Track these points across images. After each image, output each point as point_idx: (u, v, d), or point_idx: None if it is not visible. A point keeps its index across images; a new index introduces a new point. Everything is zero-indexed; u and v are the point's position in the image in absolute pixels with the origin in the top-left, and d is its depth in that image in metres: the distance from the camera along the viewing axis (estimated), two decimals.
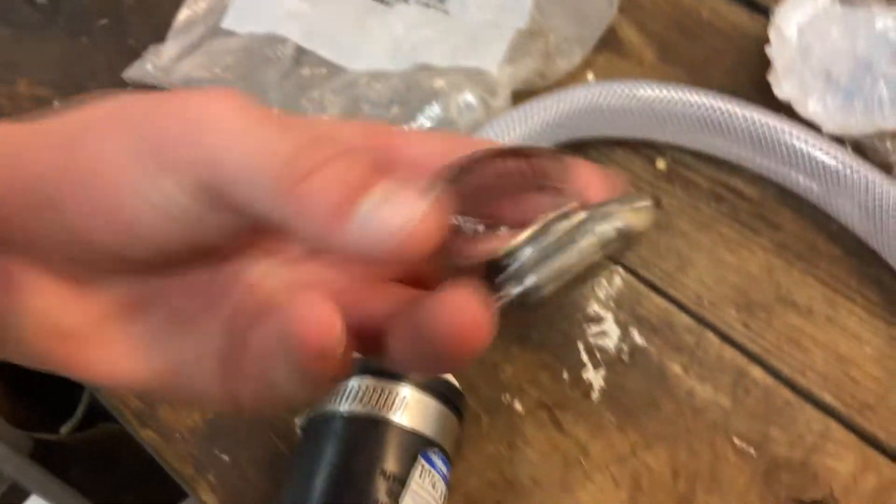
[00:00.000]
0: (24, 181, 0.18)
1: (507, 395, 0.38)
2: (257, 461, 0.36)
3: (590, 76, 0.49)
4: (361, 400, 0.31)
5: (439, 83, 0.43)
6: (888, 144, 0.45)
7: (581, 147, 0.45)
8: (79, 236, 0.18)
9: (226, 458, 0.36)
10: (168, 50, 0.47)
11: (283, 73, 0.46)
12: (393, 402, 0.31)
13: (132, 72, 0.46)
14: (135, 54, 0.48)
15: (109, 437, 0.62)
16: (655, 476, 0.36)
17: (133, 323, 0.19)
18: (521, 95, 0.45)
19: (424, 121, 0.43)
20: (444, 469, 0.31)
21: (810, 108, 0.45)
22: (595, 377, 0.38)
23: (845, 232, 0.43)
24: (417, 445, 0.30)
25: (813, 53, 0.48)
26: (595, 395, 0.38)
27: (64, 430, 0.61)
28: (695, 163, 0.45)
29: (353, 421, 0.31)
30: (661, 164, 0.45)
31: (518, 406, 0.37)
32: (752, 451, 0.36)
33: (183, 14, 0.48)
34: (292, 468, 0.31)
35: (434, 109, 0.43)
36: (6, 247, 0.18)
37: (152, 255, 0.18)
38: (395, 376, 0.32)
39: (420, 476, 0.30)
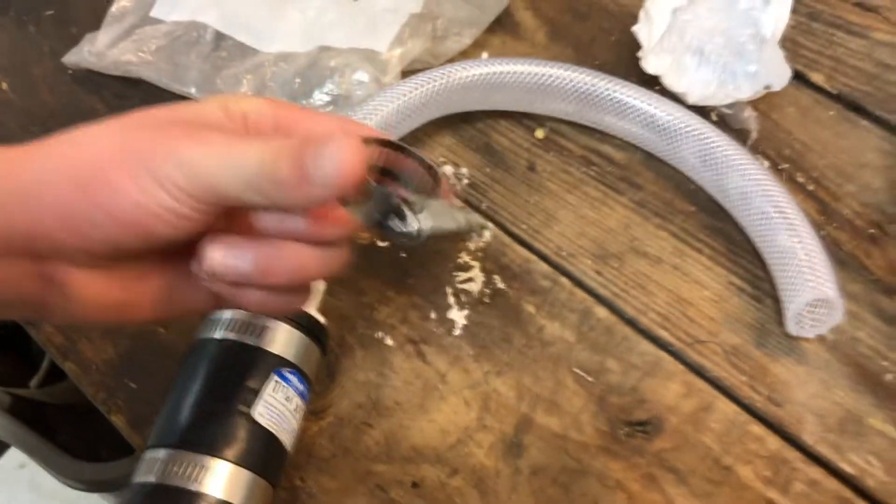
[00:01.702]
0: (53, 214, 0.26)
1: (381, 332, 0.44)
2: (159, 389, 0.43)
3: (484, 55, 0.55)
4: (232, 329, 0.38)
5: (336, 62, 0.50)
6: (745, 114, 0.51)
7: (469, 118, 0.52)
8: (100, 244, 0.27)
9: (133, 385, 0.43)
10: (102, 37, 0.54)
11: (202, 56, 0.53)
12: (259, 331, 0.38)
13: (70, 57, 0.54)
14: (76, 42, 0.56)
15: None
16: (502, 399, 0.42)
17: (144, 285, 0.29)
18: (413, 73, 0.52)
19: (322, 96, 0.50)
20: (300, 386, 0.38)
21: (677, 81, 0.52)
22: (458, 316, 0.45)
23: (700, 191, 0.49)
24: (273, 365, 0.37)
25: (688, 32, 0.54)
26: (457, 331, 0.44)
27: (32, 383, 0.68)
28: (571, 132, 0.52)
29: (224, 344, 0.38)
30: (539, 133, 0.52)
31: (389, 341, 0.44)
32: (589, 378, 0.43)
33: (116, 5, 0.55)
34: (174, 383, 0.38)
35: (331, 86, 0.50)
36: (44, 256, 0.27)
37: (153, 245, 0.27)
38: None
39: (273, 389, 0.37)
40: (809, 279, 0.42)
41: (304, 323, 0.39)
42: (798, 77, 0.54)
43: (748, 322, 0.45)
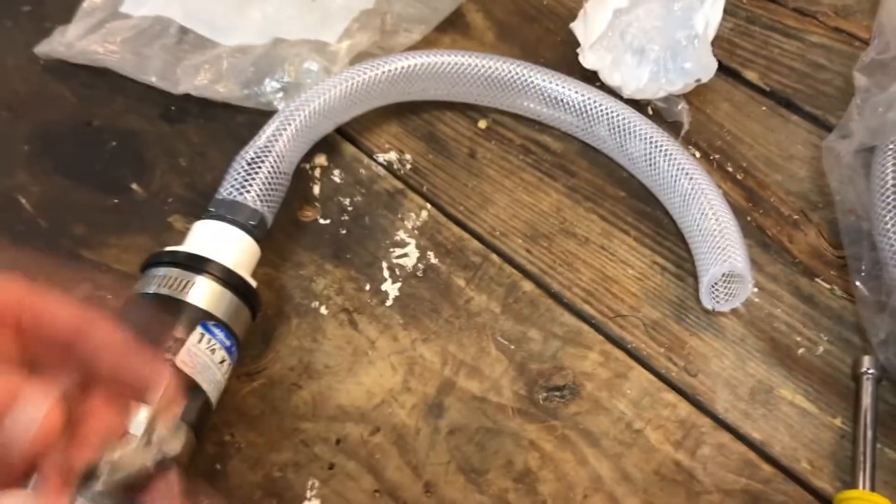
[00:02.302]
0: None
1: (316, 303, 0.47)
2: None
3: None
4: (163, 284, 0.41)
5: (288, 53, 0.54)
6: (678, 107, 0.54)
7: (416, 109, 0.55)
8: None
9: None
10: (73, 29, 0.58)
11: (166, 48, 0.57)
12: (188, 287, 0.41)
13: (42, 47, 0.58)
14: (49, 35, 0.59)
15: None
16: (427, 364, 0.45)
17: None
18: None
19: (273, 83, 0.54)
20: (226, 341, 0.41)
21: (613, 76, 0.55)
22: (392, 288, 0.48)
23: (631, 179, 0.52)
24: (199, 318, 0.40)
25: (628, 32, 0.57)
26: (389, 302, 0.47)
27: None
28: (513, 123, 0.55)
29: (154, 298, 0.40)
30: (482, 123, 0.55)
31: (324, 310, 0.47)
32: (511, 346, 0.45)
33: (88, 1, 0.59)
34: None
35: (281, 74, 0.53)
36: None
37: None
38: (196, 268, 0.41)
39: (199, 341, 0.40)
40: (720, 253, 0.44)
41: (234, 283, 0.42)
42: (733, 74, 0.57)
43: (669, 299, 0.47)
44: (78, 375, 0.25)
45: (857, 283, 0.46)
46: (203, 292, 0.41)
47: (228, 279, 0.42)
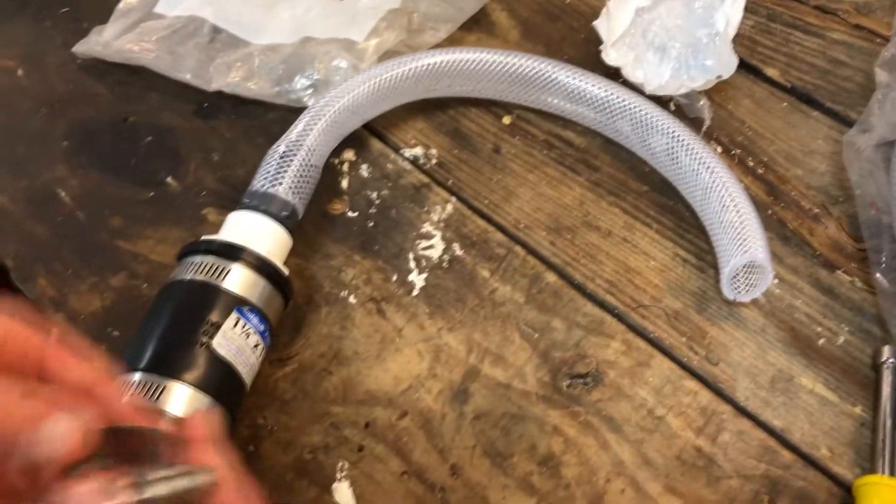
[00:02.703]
0: None
1: (346, 292, 0.49)
2: None
3: None
4: (199, 271, 0.42)
5: (317, 51, 0.55)
6: (700, 103, 0.55)
7: (441, 106, 0.57)
8: None
9: (116, 333, 0.48)
10: (109, 29, 0.60)
11: (199, 47, 0.59)
12: (224, 274, 0.42)
13: (80, 47, 0.60)
14: (86, 35, 0.61)
15: None
16: (452, 351, 0.46)
17: None
18: None
19: (303, 80, 0.55)
20: (259, 326, 0.42)
21: (635, 73, 0.56)
22: (418, 279, 0.49)
23: (654, 173, 0.53)
24: (235, 303, 0.42)
25: (650, 30, 0.58)
26: (416, 292, 0.48)
27: None
28: (536, 119, 0.56)
29: (191, 284, 0.42)
30: (507, 119, 0.56)
31: (352, 300, 0.48)
32: (535, 335, 0.47)
33: (123, 2, 0.61)
34: (145, 317, 0.42)
35: (311, 72, 0.55)
36: None
37: None
38: (232, 256, 0.43)
39: (234, 325, 0.41)
40: (741, 244, 0.45)
41: (267, 271, 0.44)
42: (754, 72, 0.58)
43: (691, 290, 0.48)
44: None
45: (878, 275, 0.47)
46: (238, 279, 0.43)
47: (262, 267, 0.44)
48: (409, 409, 0.45)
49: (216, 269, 0.43)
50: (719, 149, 0.54)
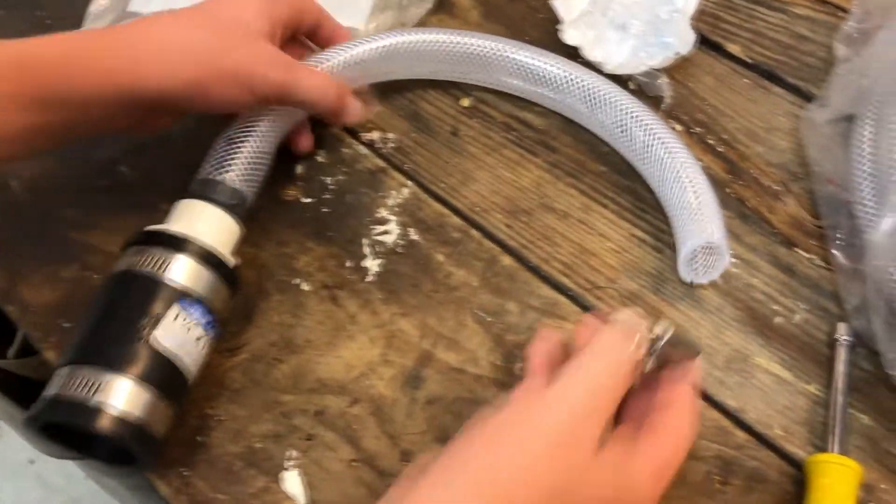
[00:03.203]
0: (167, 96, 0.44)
1: (298, 279, 0.48)
2: None
3: None
4: (141, 263, 0.42)
5: None
6: (659, 81, 0.54)
7: (399, 88, 0.56)
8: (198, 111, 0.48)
9: (67, 325, 0.47)
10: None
11: None
12: (166, 266, 0.42)
13: None
14: (48, 28, 0.60)
15: None
16: (405, 337, 0.46)
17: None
18: None
19: None
20: (203, 319, 0.42)
21: (594, 52, 0.55)
22: (372, 264, 0.49)
23: (612, 153, 0.53)
24: (177, 296, 0.41)
25: (610, 9, 0.58)
26: (370, 278, 0.48)
27: (10, 353, 0.72)
28: (495, 101, 0.56)
29: (132, 276, 0.42)
30: (465, 101, 0.56)
31: (305, 287, 0.48)
32: (489, 318, 0.46)
33: (94, 4, 0.60)
34: (87, 310, 0.42)
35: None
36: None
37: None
38: (174, 247, 0.42)
39: (175, 318, 0.41)
40: (697, 226, 0.45)
41: (212, 262, 0.43)
42: (716, 48, 0.58)
43: (647, 271, 0.48)
44: None
45: (835, 252, 0.47)
46: (180, 270, 0.42)
47: (206, 257, 0.43)
48: (361, 396, 0.44)
49: (158, 260, 0.42)
50: (679, 127, 0.54)
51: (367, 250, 0.50)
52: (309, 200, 0.52)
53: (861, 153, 0.47)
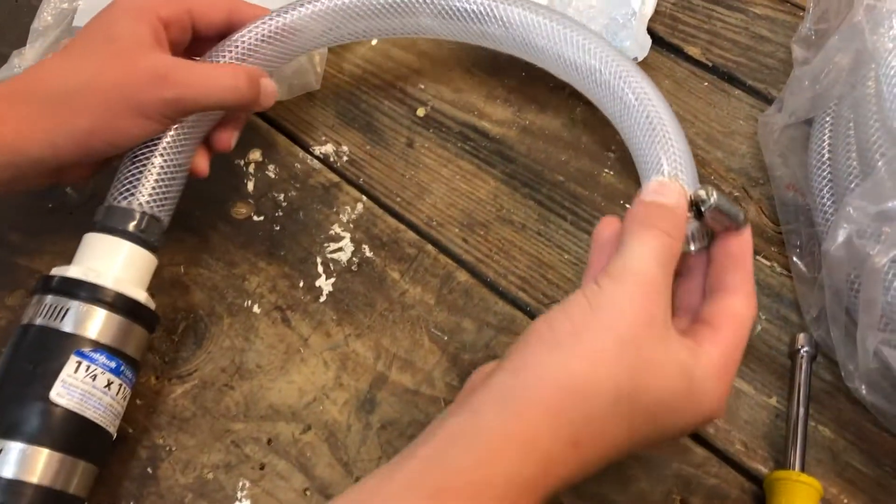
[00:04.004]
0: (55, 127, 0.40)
1: (249, 301, 0.47)
2: None
3: None
4: (38, 314, 0.39)
5: None
6: None
7: (353, 99, 0.55)
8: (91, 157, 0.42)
9: None
10: (30, 51, 0.57)
11: None
12: (62, 314, 0.39)
13: (2, 73, 0.57)
14: (5, 61, 0.58)
15: None
16: (360, 359, 0.45)
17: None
18: None
19: None
20: (110, 364, 0.39)
21: None
22: (325, 284, 0.47)
23: (569, 163, 0.52)
24: (73, 346, 0.38)
25: (568, 12, 0.56)
26: (323, 298, 0.47)
27: None
28: (451, 110, 0.55)
29: (28, 330, 0.39)
30: (421, 111, 0.55)
31: (256, 309, 0.47)
32: (444, 337, 0.45)
33: (38, 21, 0.59)
34: None
35: None
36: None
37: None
38: (68, 293, 0.40)
39: (76, 370, 0.38)
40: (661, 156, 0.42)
41: (115, 303, 0.40)
42: (675, 50, 0.57)
43: None
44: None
45: (795, 259, 0.46)
46: (76, 318, 0.39)
47: (106, 299, 0.40)
48: (313, 422, 0.43)
49: (54, 309, 0.39)
50: None
51: (320, 269, 0.48)
52: (260, 219, 0.50)
53: (820, 159, 0.46)
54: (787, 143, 0.48)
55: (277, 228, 0.50)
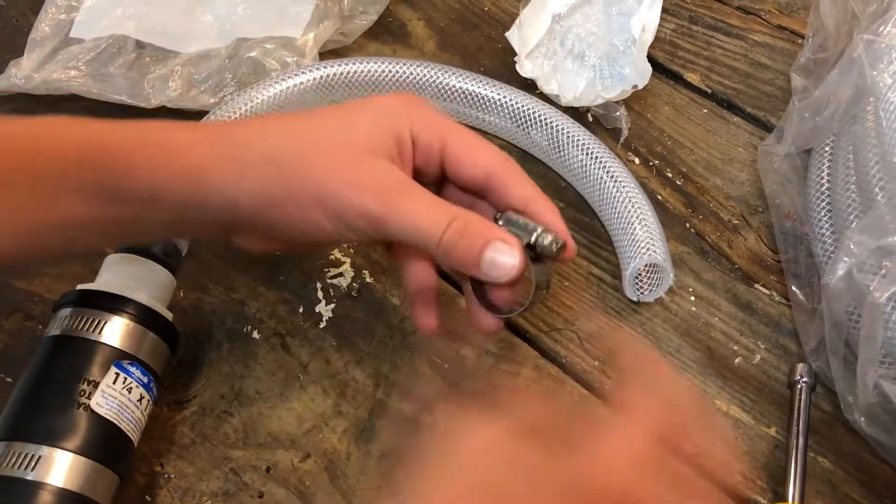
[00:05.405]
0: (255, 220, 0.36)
1: (249, 327, 0.47)
2: None
3: None
4: (74, 326, 0.40)
5: (256, 52, 0.54)
6: (617, 113, 0.53)
7: None
8: (280, 240, 0.38)
9: (9, 380, 0.46)
10: (27, 62, 0.58)
11: (127, 65, 0.57)
12: (101, 327, 0.40)
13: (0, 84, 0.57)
14: (3, 70, 0.58)
15: None
16: (359, 387, 0.45)
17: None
18: (329, 53, 0.57)
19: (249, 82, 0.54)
20: (143, 378, 0.41)
21: (550, 85, 0.55)
22: (325, 310, 0.48)
23: (568, 188, 0.52)
24: (113, 357, 0.39)
25: (568, 38, 0.57)
26: (323, 324, 0.47)
27: None
28: None
29: (65, 341, 0.40)
30: None
31: (256, 335, 0.47)
32: (445, 365, 0.45)
33: (35, 32, 0.59)
34: (19, 380, 0.40)
35: (253, 74, 0.54)
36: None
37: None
38: (108, 308, 0.41)
39: (114, 381, 0.39)
40: (637, 247, 0.45)
41: (149, 319, 0.42)
42: (675, 77, 0.57)
43: (605, 310, 0.47)
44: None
45: (794, 289, 0.46)
46: (116, 331, 0.40)
47: (143, 316, 0.41)
48: (313, 450, 0.43)
49: (92, 322, 0.40)
50: (637, 160, 0.53)
51: (320, 294, 0.48)
52: None
53: (819, 190, 0.46)
54: (786, 173, 0.48)
55: (277, 253, 0.50)
